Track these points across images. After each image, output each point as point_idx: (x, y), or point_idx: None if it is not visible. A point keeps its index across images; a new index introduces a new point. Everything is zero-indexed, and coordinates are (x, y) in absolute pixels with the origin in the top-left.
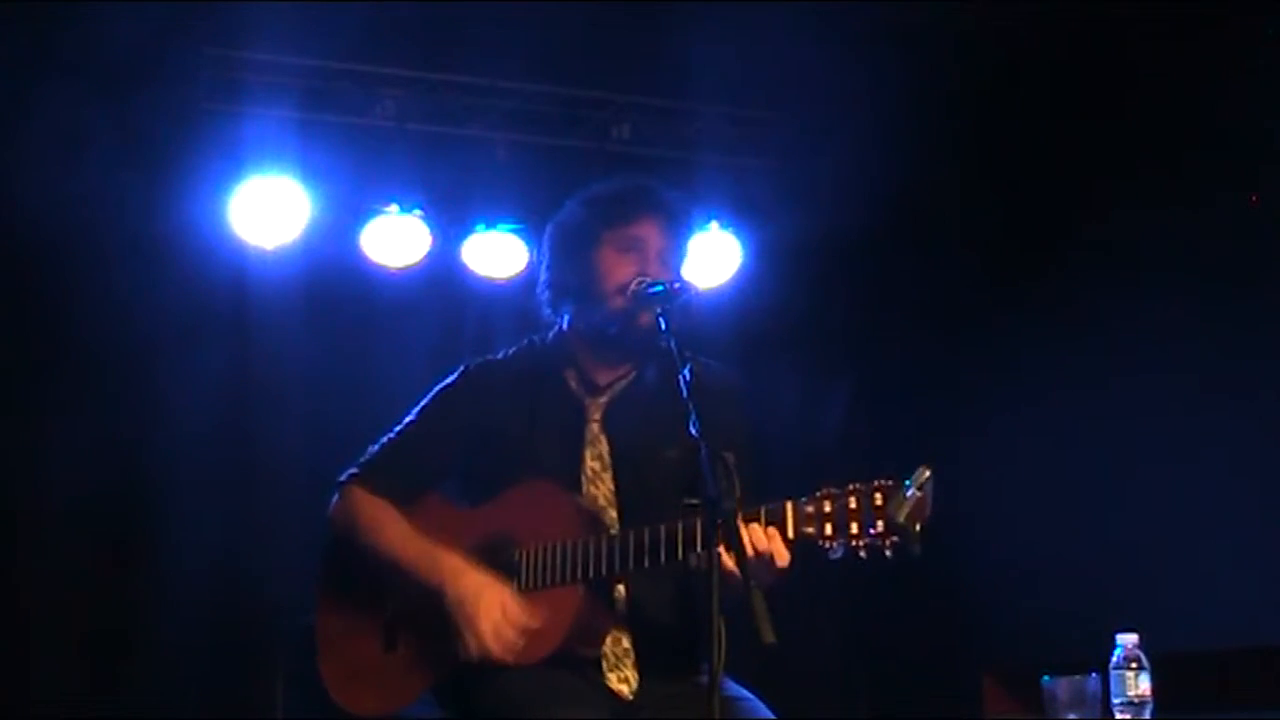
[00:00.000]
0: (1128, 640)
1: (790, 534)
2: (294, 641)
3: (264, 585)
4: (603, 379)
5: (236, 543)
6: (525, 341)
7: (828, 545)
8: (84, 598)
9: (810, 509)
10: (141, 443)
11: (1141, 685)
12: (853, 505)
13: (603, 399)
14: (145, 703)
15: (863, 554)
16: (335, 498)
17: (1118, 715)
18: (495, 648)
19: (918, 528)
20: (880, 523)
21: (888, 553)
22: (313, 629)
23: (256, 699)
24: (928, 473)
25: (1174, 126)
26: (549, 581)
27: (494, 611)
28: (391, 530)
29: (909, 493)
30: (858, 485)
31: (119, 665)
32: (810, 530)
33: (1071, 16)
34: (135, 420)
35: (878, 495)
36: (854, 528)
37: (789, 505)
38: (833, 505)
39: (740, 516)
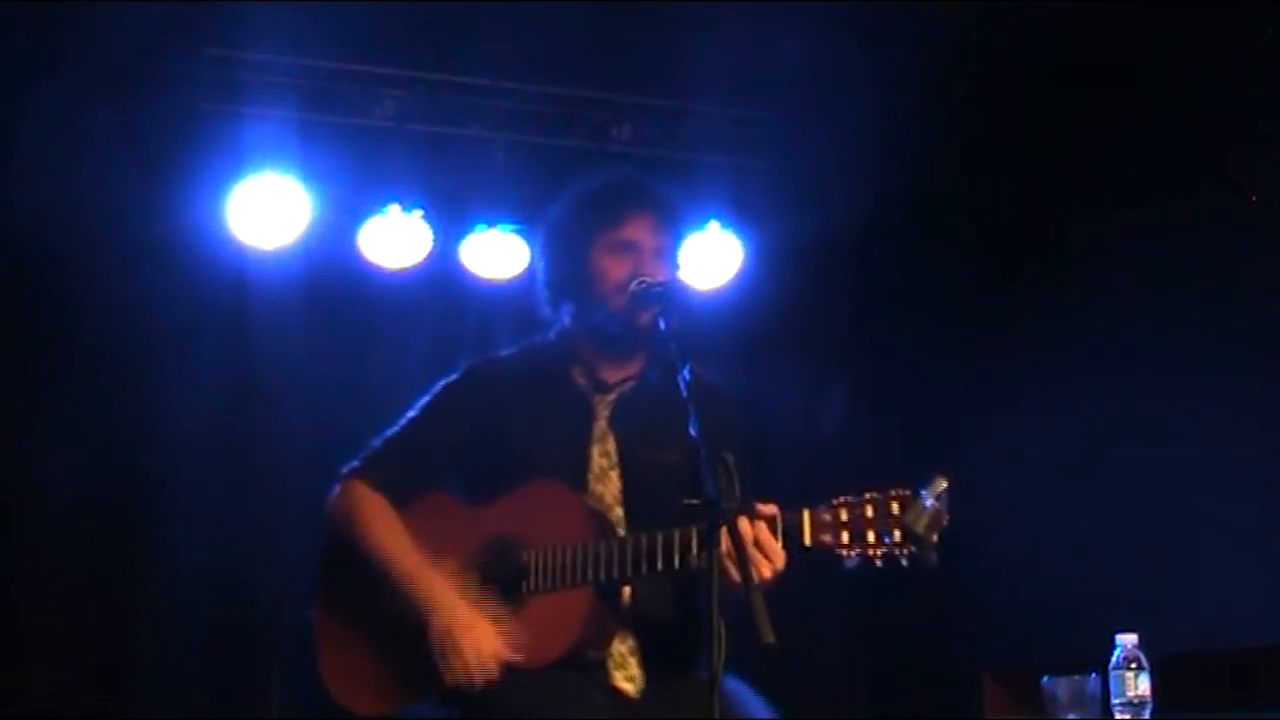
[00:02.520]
0: (1128, 640)
1: (807, 542)
2: (293, 641)
3: (263, 585)
4: (611, 377)
5: (236, 542)
6: (529, 341)
7: (844, 554)
8: (84, 598)
9: (827, 517)
10: (142, 443)
11: (1141, 685)
12: (869, 514)
13: (611, 396)
14: (144, 702)
15: (879, 563)
16: (334, 490)
17: (1118, 715)
18: (476, 680)
19: (935, 539)
20: (897, 532)
21: (904, 562)
22: (311, 627)
23: (256, 698)
24: (945, 483)
25: (1174, 126)
26: (557, 583)
27: (477, 647)
28: (386, 536)
29: (926, 503)
30: (873, 494)
31: (118, 665)
32: (827, 539)
33: (1072, 18)
34: (135, 420)
35: (894, 504)
36: (870, 537)
37: (806, 513)
38: (849, 514)
39: (745, 516)
